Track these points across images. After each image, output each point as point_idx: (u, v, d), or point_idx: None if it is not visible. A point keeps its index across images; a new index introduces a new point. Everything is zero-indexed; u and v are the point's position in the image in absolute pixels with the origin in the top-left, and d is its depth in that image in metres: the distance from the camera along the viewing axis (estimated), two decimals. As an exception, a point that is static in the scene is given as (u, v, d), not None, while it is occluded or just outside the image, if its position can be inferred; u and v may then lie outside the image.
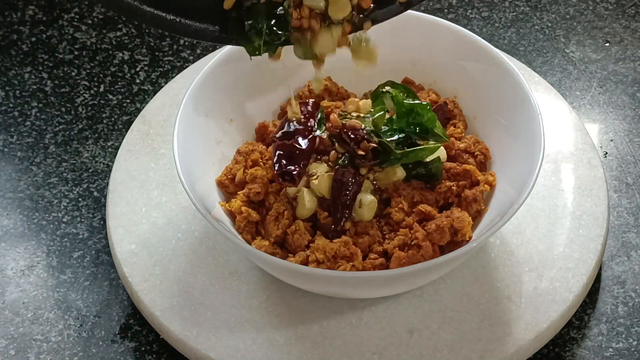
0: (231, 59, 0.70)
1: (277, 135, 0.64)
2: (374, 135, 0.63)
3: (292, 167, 0.62)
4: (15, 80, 0.84)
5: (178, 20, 0.55)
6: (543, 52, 0.86)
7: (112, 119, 0.80)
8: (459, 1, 0.91)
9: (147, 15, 0.54)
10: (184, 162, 0.62)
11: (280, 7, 0.55)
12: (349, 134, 0.62)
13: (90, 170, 0.77)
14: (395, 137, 0.64)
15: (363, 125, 0.64)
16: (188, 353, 0.63)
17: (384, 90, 0.68)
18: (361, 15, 0.58)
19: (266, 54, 0.58)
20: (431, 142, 0.65)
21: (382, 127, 0.65)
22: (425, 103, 0.65)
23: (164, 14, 0.54)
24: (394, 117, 0.66)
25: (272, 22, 0.56)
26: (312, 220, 0.64)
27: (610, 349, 0.64)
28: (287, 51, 0.59)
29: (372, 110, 0.66)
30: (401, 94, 0.66)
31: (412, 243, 0.61)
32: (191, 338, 0.62)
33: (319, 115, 0.65)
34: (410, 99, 0.65)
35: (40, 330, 0.66)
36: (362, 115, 0.65)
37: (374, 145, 0.62)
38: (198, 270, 0.67)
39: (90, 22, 0.89)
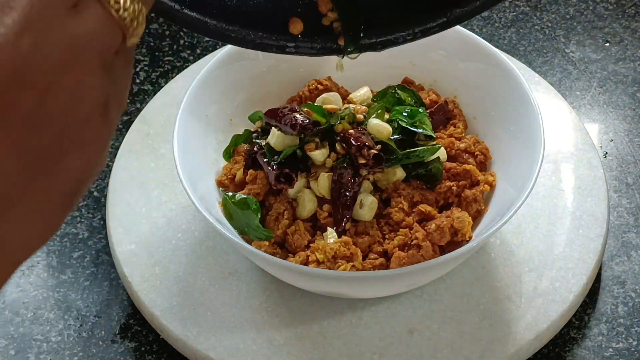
0: (231, 59, 0.70)
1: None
2: (374, 139, 0.63)
3: (288, 169, 0.62)
4: (15, 80, 0.84)
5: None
6: (543, 52, 0.86)
7: (112, 119, 0.80)
8: (459, 1, 0.91)
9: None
10: (184, 162, 0.62)
11: None
12: (351, 140, 0.62)
13: (90, 170, 0.77)
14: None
15: (365, 128, 0.64)
16: (188, 353, 0.63)
17: (392, 91, 0.69)
18: None
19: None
20: (431, 143, 0.65)
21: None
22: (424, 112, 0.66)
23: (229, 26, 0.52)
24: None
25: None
26: (312, 220, 0.64)
27: (610, 349, 0.64)
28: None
29: (369, 109, 0.67)
30: (409, 97, 0.67)
31: (412, 243, 0.61)
32: (191, 338, 0.62)
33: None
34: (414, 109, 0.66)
35: (40, 330, 0.66)
36: (364, 116, 0.65)
37: (375, 152, 0.62)
38: (198, 270, 0.67)
39: (90, 22, 0.89)
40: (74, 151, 0.32)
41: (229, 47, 0.70)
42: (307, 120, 0.63)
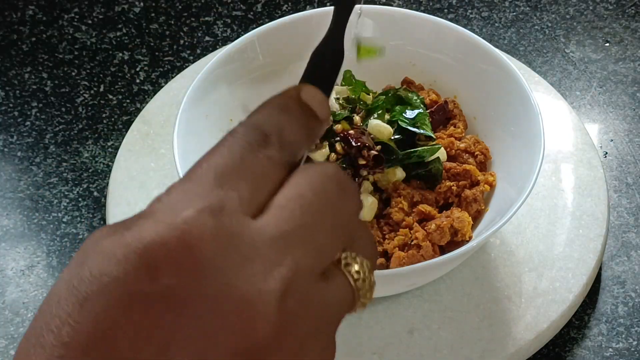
0: (231, 59, 0.70)
1: None
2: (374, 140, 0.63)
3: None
4: (15, 80, 0.84)
5: None
6: (543, 52, 0.86)
7: (112, 119, 0.80)
8: (459, 1, 0.91)
9: None
10: (184, 163, 0.62)
11: None
12: (351, 140, 0.62)
13: (90, 170, 0.77)
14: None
15: (365, 129, 0.64)
16: (188, 353, 0.63)
17: (392, 91, 0.69)
18: None
19: None
20: (431, 143, 0.65)
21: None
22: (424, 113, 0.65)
23: None
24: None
25: None
26: (312, 220, 0.64)
27: (610, 349, 0.64)
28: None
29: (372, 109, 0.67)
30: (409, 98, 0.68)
31: (412, 243, 0.61)
32: (191, 338, 0.62)
33: None
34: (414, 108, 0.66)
35: (40, 330, 0.66)
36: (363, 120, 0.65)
37: (375, 153, 0.62)
38: (198, 270, 0.66)
39: (90, 22, 0.89)
40: None
41: (229, 47, 0.70)
42: None
